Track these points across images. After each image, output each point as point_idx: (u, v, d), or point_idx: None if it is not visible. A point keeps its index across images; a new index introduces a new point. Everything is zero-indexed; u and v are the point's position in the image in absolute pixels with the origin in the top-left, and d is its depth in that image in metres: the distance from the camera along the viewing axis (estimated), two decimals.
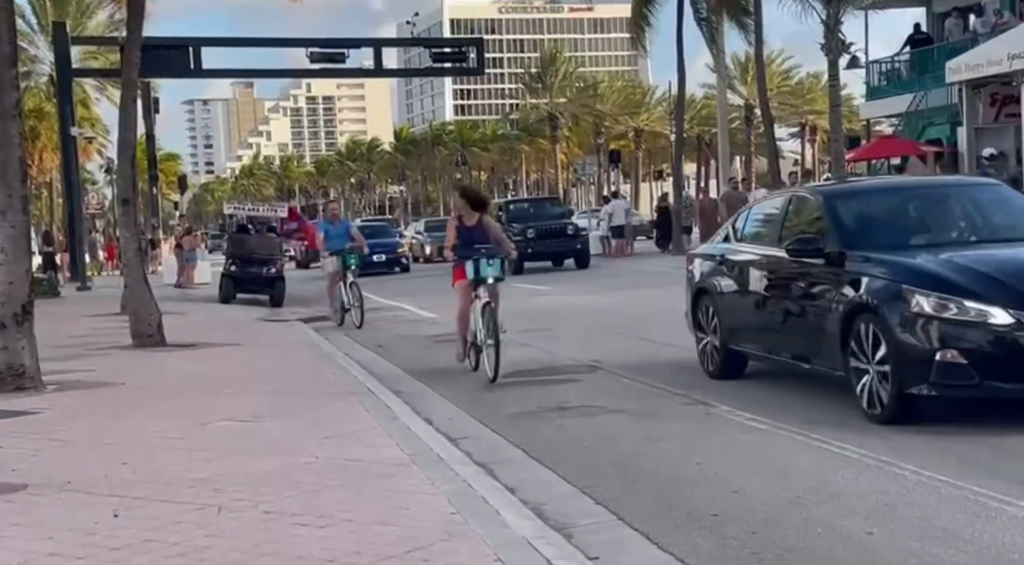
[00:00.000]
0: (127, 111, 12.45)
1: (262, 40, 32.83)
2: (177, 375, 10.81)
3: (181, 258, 30.37)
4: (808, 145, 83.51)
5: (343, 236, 17.26)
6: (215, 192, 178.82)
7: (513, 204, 31.15)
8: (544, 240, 26.71)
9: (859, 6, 22.87)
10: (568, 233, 27.30)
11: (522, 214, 28.71)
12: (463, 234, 11.22)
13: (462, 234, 11.24)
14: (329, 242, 17.03)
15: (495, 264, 10.86)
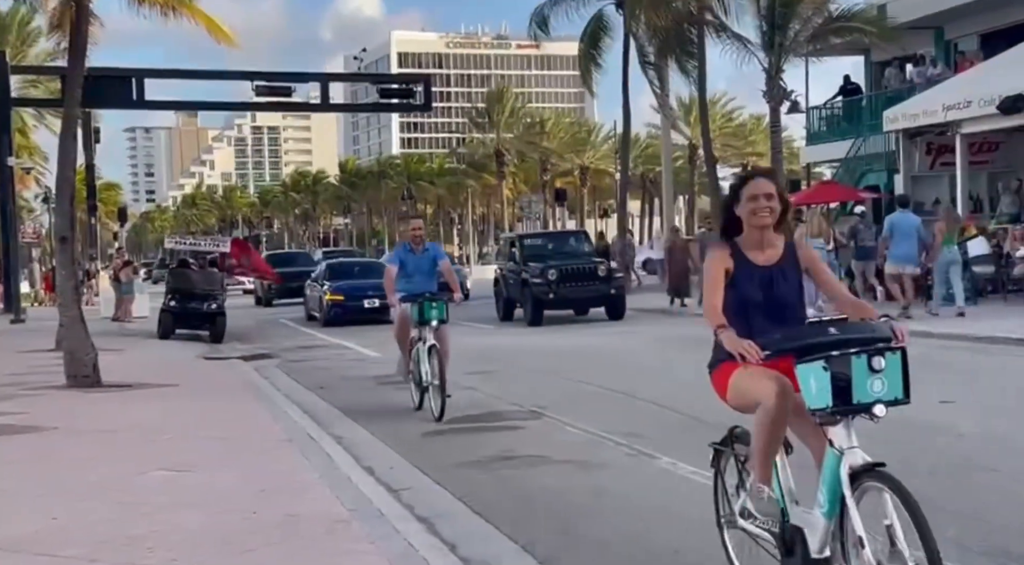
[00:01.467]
0: (67, 148, 12.23)
1: (207, 72, 32.56)
2: (113, 419, 10.57)
3: (119, 291, 29.82)
4: None
5: (428, 273, 11.16)
6: (156, 221, 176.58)
7: (528, 239, 25.46)
8: (569, 284, 21.67)
9: (799, 54, 23.34)
10: (599, 275, 22.03)
11: (540, 251, 23.51)
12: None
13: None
14: (407, 281, 11.02)
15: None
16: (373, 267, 26.75)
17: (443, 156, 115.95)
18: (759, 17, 20.97)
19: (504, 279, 23.72)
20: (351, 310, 23.84)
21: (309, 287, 26.89)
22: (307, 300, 26.96)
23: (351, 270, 26.66)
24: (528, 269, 22.08)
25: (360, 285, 24.43)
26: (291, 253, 52.82)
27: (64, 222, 12.44)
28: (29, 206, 60.41)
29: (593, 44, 32.00)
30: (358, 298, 23.93)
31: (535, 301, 21.64)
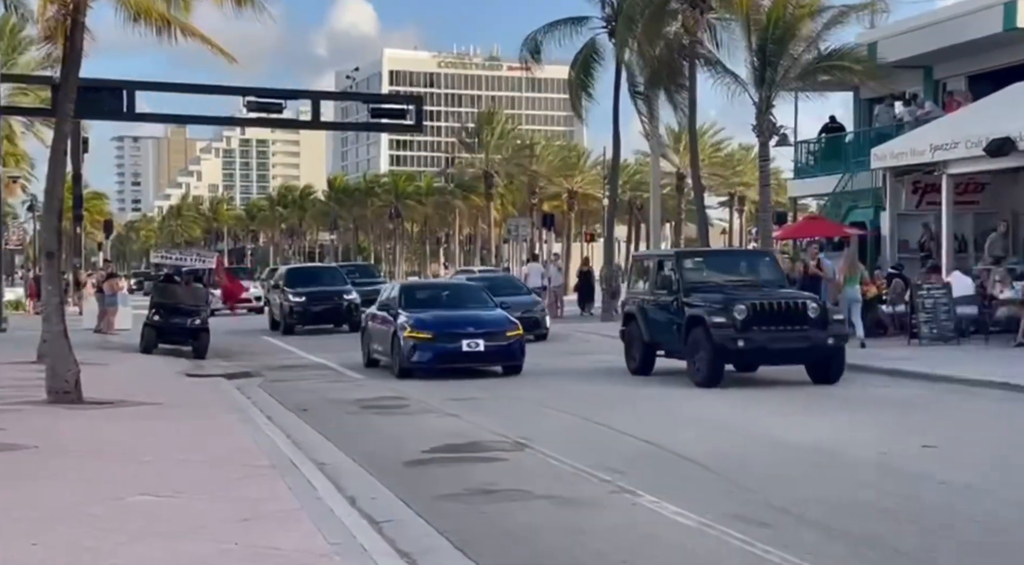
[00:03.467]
0: (57, 163, 12.20)
1: (198, 86, 32.37)
2: (95, 438, 10.50)
3: (102, 302, 29.68)
4: (736, 215, 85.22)
5: None
6: (141, 231, 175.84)
7: (691, 259, 17.58)
8: (767, 328, 14.79)
9: (789, 89, 23.53)
10: (809, 316, 14.90)
11: (710, 276, 16.57)
12: None
13: None
14: None
15: None
16: (470, 293, 19.58)
17: (431, 175, 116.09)
18: (750, 53, 21.14)
19: (643, 314, 16.68)
20: (444, 355, 16.74)
21: (370, 319, 19.19)
22: (367, 335, 19.19)
23: (438, 297, 19.09)
24: (697, 302, 15.35)
25: (454, 318, 17.33)
26: (316, 268, 39.99)
27: (51, 237, 12.39)
28: (14, 212, 60.12)
29: (584, 72, 32.11)
30: (454, 337, 16.76)
31: (716, 351, 14.70)
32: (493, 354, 16.96)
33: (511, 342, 17.07)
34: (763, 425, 11.67)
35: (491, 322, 17.41)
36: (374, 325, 18.80)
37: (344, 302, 28.27)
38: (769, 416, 12.39)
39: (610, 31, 30.49)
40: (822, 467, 9.27)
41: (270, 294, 30.06)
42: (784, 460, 9.66)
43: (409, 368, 16.85)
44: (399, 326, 17.16)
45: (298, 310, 27.97)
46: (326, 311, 28.13)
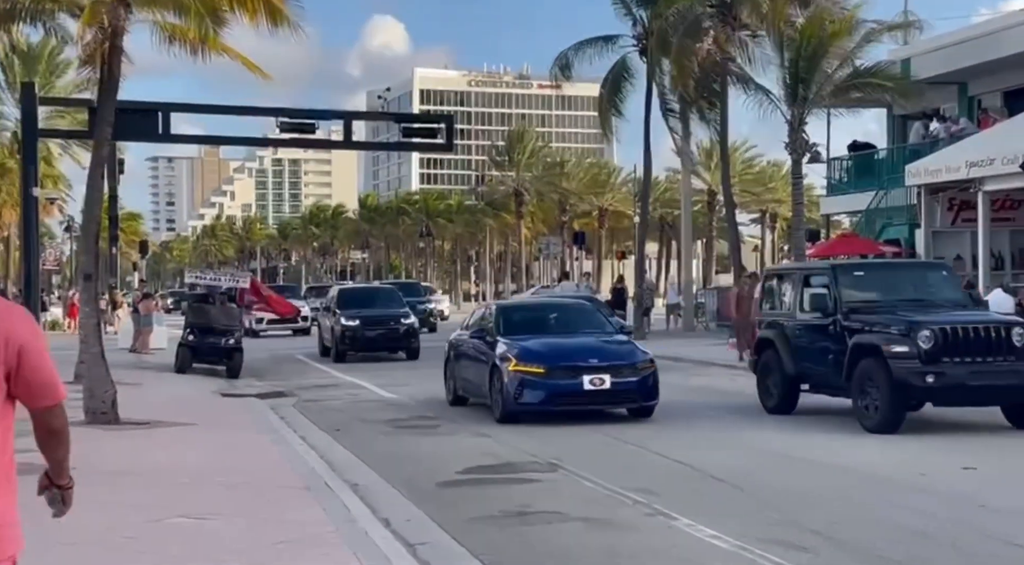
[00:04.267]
0: (95, 186, 12.37)
1: (231, 108, 32.72)
2: (131, 460, 10.58)
3: (138, 322, 29.97)
4: (768, 231, 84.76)
5: None
6: (175, 251, 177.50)
7: (855, 271, 14.63)
8: (965, 360, 12.02)
9: (822, 106, 23.44)
10: (1016, 345, 12.16)
11: (879, 295, 13.57)
12: None
13: None
14: None
15: None
16: (584, 315, 15.91)
17: (462, 194, 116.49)
18: (783, 69, 21.09)
19: (785, 340, 14.00)
20: (561, 394, 13.42)
21: (457, 347, 15.92)
22: (454, 367, 15.97)
23: (544, 320, 15.45)
24: (865, 326, 12.57)
25: (572, 348, 13.96)
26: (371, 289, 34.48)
27: (89, 259, 12.55)
28: (51, 233, 60.95)
29: (615, 90, 32.19)
30: (572, 371, 13.41)
31: (896, 388, 11.96)
32: (622, 392, 13.46)
33: (644, 377, 13.48)
34: (807, 446, 11.55)
35: (618, 352, 13.84)
36: (463, 355, 15.47)
37: (402, 326, 25.76)
38: (821, 438, 12.27)
39: (641, 49, 30.56)
40: (859, 489, 9.17)
41: (320, 317, 27.98)
42: (822, 481, 9.56)
43: (515, 411, 13.42)
44: (500, 357, 13.71)
45: (350, 335, 25.28)
46: (381, 336, 25.60)
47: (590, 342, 14.28)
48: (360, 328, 25.32)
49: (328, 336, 26.23)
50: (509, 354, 13.67)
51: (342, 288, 31.12)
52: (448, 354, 16.27)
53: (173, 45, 16.19)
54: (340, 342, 25.36)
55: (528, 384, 13.35)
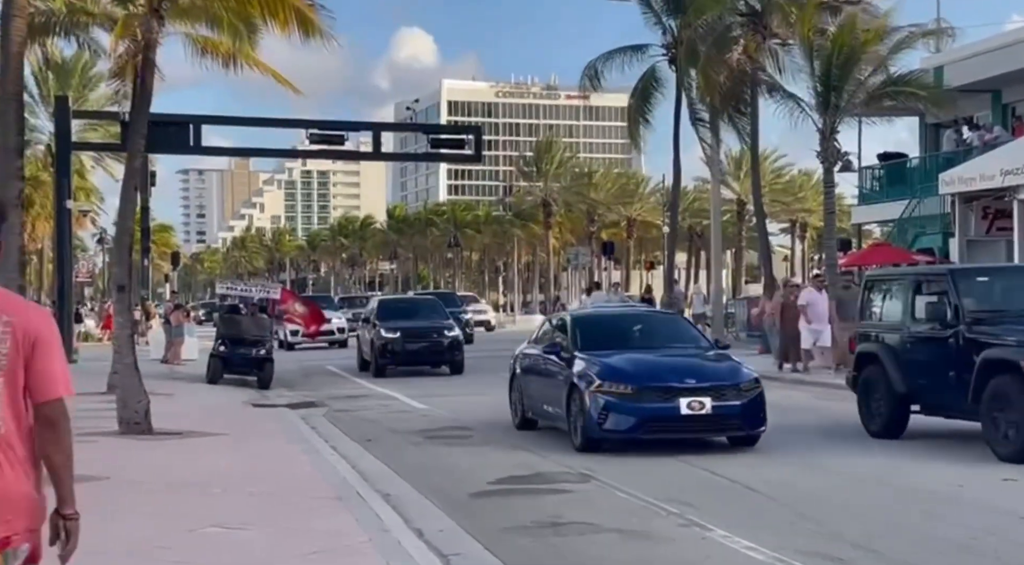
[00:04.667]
0: (128, 199, 12.46)
1: (262, 120, 33.13)
2: (165, 470, 10.62)
3: (169, 333, 30.16)
4: (798, 241, 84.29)
5: None
6: (205, 263, 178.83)
7: (981, 275, 13.18)
8: None
9: (853, 114, 23.26)
10: None
11: (1005, 294, 12.36)
12: None
13: None
14: None
15: None
16: (673, 326, 14.40)
17: (489, 204, 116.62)
18: (813, 78, 20.94)
19: (892, 354, 12.58)
20: (653, 419, 11.59)
21: (524, 361, 14.18)
22: (521, 386, 14.10)
23: (627, 332, 13.65)
24: (996, 339, 11.11)
25: (665, 365, 12.21)
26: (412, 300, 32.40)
27: (123, 271, 12.63)
28: (83, 246, 61.59)
29: (644, 100, 32.12)
30: (667, 392, 11.62)
31: None
32: (725, 418, 11.63)
33: (750, 400, 11.66)
34: (844, 457, 11.43)
35: (719, 371, 12.08)
36: (533, 373, 13.66)
37: (445, 339, 24.21)
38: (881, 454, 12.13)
39: (670, 58, 30.48)
40: (897, 500, 9.04)
41: (359, 329, 26.61)
42: (859, 493, 9.44)
43: (599, 438, 11.70)
44: (579, 376, 11.93)
45: (391, 348, 23.80)
46: (424, 350, 24.14)
47: (685, 359, 12.44)
48: (401, 341, 23.86)
49: (367, 349, 24.85)
50: (590, 372, 11.84)
51: (382, 299, 29.40)
52: (513, 370, 14.32)
53: (205, 57, 16.36)
54: (380, 356, 23.86)
55: (614, 408, 11.51)
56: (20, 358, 3.27)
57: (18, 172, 8.88)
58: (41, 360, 3.29)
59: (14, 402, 3.27)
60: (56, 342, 3.37)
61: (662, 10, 30.40)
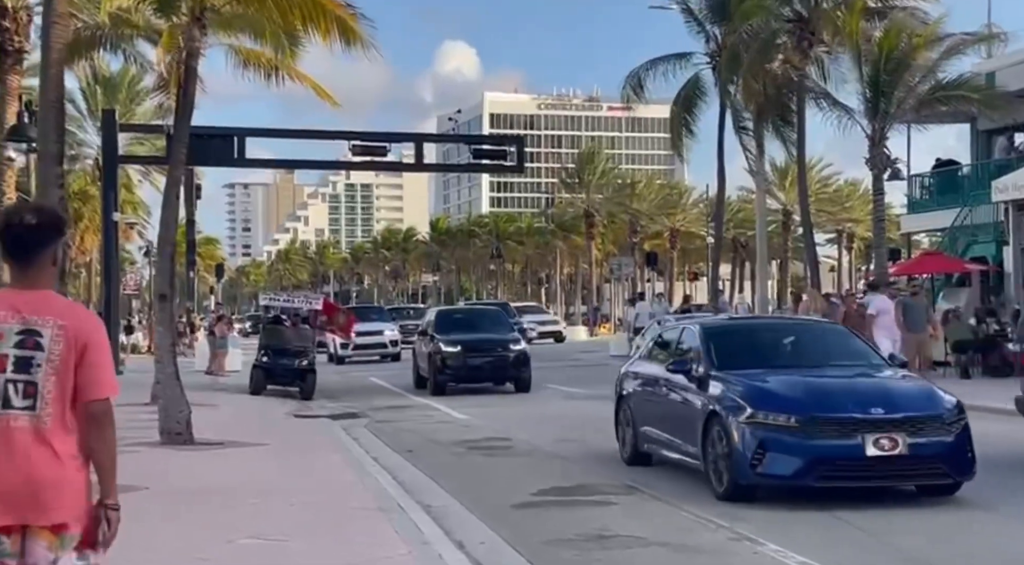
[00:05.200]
0: (169, 208, 12.45)
1: (304, 132, 33.27)
2: (204, 479, 10.54)
3: (213, 345, 30.31)
4: (844, 251, 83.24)
5: None
6: (251, 275, 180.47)
7: None
8: None
9: (903, 121, 22.82)
10: None
11: None
12: None
13: None
14: None
15: None
16: (831, 336, 11.66)
17: (531, 216, 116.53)
18: (863, 83, 20.55)
19: None
20: (827, 462, 8.94)
21: (636, 379, 11.74)
22: (631, 408, 11.58)
23: (775, 345, 11.01)
24: None
25: (837, 388, 9.67)
26: (474, 311, 30.15)
27: (164, 280, 12.61)
28: (131, 258, 62.34)
29: (687, 108, 31.83)
30: (843, 427, 8.98)
31: None
32: (925, 461, 8.92)
33: (957, 436, 9.00)
34: None
35: (911, 397, 9.38)
36: (650, 396, 11.09)
37: (510, 353, 22.18)
38: None
39: (714, 66, 30.20)
40: (975, 522, 8.71)
41: (415, 343, 24.72)
42: (917, 509, 9.10)
43: (753, 484, 9.13)
44: (720, 402, 9.47)
45: (452, 363, 21.88)
46: (487, 365, 22.14)
47: (864, 380, 9.80)
48: (462, 355, 21.86)
49: (424, 365, 22.71)
50: (736, 397, 9.27)
51: (441, 310, 27.11)
52: (619, 391, 11.76)
53: (247, 69, 16.37)
54: (439, 372, 21.85)
55: (773, 445, 8.87)
56: (72, 359, 3.51)
57: (57, 179, 8.88)
58: (91, 363, 3.52)
59: (63, 399, 3.51)
60: (105, 346, 3.61)
61: (705, 18, 30.12)
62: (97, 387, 3.54)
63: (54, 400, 3.48)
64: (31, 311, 3.52)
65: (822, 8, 25.13)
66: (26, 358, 3.48)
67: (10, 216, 3.65)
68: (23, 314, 3.51)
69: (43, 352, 3.49)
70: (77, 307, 3.76)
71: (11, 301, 3.55)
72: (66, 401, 3.50)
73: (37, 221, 3.57)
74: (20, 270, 3.58)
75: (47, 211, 3.69)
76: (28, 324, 3.50)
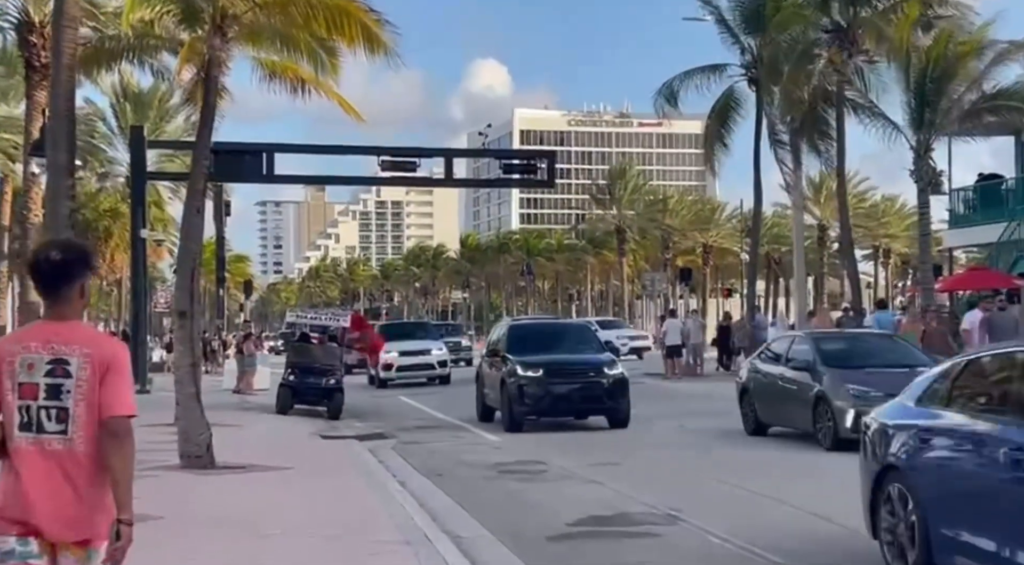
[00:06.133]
0: (190, 220, 12.00)
1: (333, 147, 32.97)
2: (223, 508, 10.04)
3: (241, 363, 29.95)
4: (881, 268, 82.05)
5: None
6: (282, 293, 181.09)
7: None
8: None
9: (948, 133, 22.08)
10: None
11: None
12: None
13: None
14: None
15: None
16: None
17: (562, 232, 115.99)
18: (908, 93, 19.84)
19: None
20: None
21: (903, 433, 7.04)
22: (901, 485, 6.93)
23: None
24: None
25: None
26: (555, 325, 24.39)
27: (184, 296, 12.14)
28: (162, 276, 62.40)
29: (721, 121, 31.18)
30: None
31: None
32: None
33: None
34: None
35: None
36: (947, 461, 6.60)
37: (605, 379, 17.52)
38: None
39: (749, 78, 29.56)
40: None
41: (480, 365, 20.38)
42: None
43: None
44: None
45: (532, 392, 17.39)
46: (576, 394, 17.60)
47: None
48: (544, 381, 17.39)
49: (494, 393, 18.51)
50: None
51: (515, 324, 21.31)
52: (873, 446, 7.35)
53: (273, 82, 15.98)
54: (516, 402, 17.41)
55: None
56: (97, 384, 3.79)
57: (68, 191, 8.47)
58: (111, 383, 3.79)
59: (93, 423, 3.79)
60: (126, 369, 3.87)
61: (740, 28, 29.49)
62: (115, 406, 3.78)
63: (84, 424, 3.76)
64: (60, 341, 3.80)
65: (864, 17, 24.45)
66: (56, 385, 3.76)
67: (38, 253, 3.90)
68: (52, 345, 3.79)
69: (71, 379, 3.77)
70: (101, 335, 4.13)
71: (43, 333, 3.84)
72: (95, 424, 3.77)
73: (63, 257, 3.82)
74: (50, 303, 3.86)
75: (74, 247, 3.92)
76: (57, 354, 3.79)
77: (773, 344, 17.01)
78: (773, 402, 15.48)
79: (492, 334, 21.41)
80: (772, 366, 15.84)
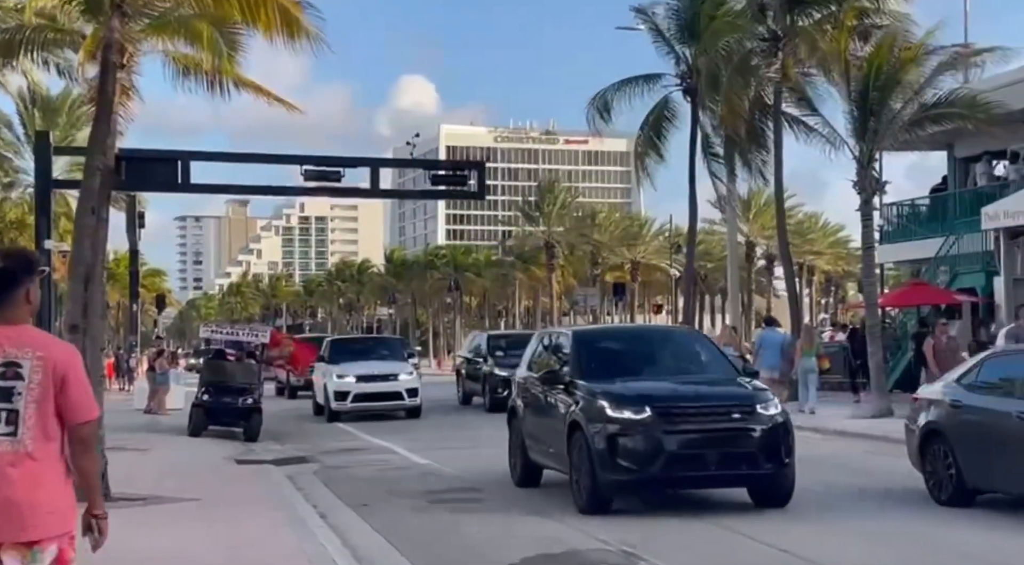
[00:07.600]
0: (84, 220, 10.67)
1: (254, 156, 31.40)
2: (111, 550, 8.71)
3: (153, 381, 28.31)
4: (806, 286, 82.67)
5: None
6: (202, 309, 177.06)
7: None
8: None
9: (886, 147, 21.61)
10: None
11: None
12: None
13: None
14: None
15: None
16: None
17: (489, 248, 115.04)
18: (849, 102, 19.31)
19: None
20: None
21: None
22: None
23: None
24: None
25: None
26: (640, 331, 19.46)
27: (76, 308, 10.75)
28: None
29: (656, 133, 30.46)
30: None
31: None
32: None
33: None
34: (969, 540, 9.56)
35: None
36: None
37: (758, 424, 10.40)
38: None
39: (684, 88, 28.93)
40: None
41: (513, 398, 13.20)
42: None
43: None
44: None
45: (634, 446, 10.27)
46: (711, 448, 10.42)
47: None
48: (657, 427, 10.28)
49: (550, 444, 11.64)
50: None
51: (579, 331, 13.68)
52: None
53: (188, 78, 14.68)
54: (605, 464, 10.32)
55: None
56: (51, 388, 3.87)
57: None
58: (73, 391, 3.91)
59: (44, 424, 3.88)
60: (82, 373, 3.98)
61: (675, 38, 28.86)
62: (81, 411, 3.94)
63: (34, 426, 3.83)
64: (11, 345, 3.87)
65: (799, 27, 23.96)
66: (7, 388, 3.83)
67: None
68: (4, 348, 3.86)
69: (23, 381, 3.84)
70: (53, 339, 4.16)
71: None
72: (46, 426, 3.86)
73: (4, 264, 3.94)
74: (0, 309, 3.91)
75: (16, 254, 4.07)
76: (8, 357, 3.86)
77: None
78: None
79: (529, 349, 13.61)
80: None
